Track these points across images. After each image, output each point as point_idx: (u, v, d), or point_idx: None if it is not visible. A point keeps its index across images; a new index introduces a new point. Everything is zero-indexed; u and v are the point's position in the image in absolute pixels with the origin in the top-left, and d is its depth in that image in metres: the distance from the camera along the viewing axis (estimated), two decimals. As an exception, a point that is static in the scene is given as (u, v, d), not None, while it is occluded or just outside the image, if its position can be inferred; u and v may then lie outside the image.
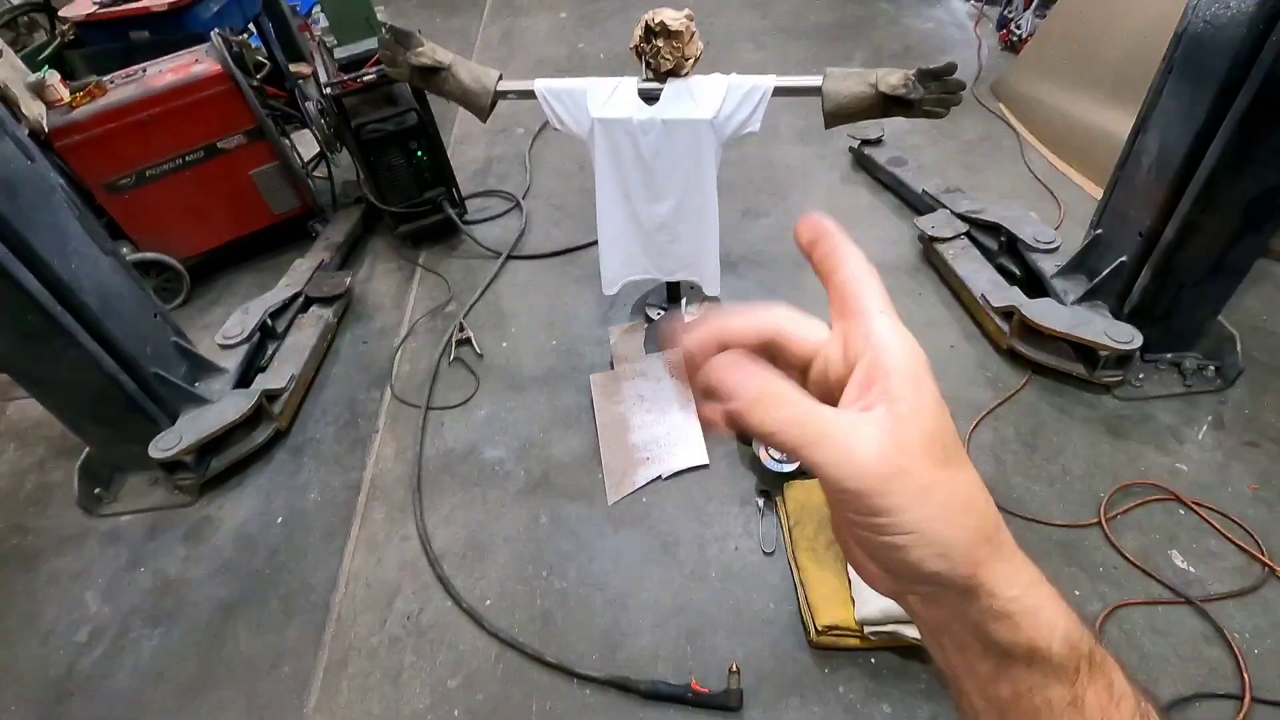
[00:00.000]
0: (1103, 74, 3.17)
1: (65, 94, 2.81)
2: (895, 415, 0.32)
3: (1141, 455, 2.21)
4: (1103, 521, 2.05)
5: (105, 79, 2.94)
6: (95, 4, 3.46)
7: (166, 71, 2.96)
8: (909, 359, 0.33)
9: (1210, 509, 2.05)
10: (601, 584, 2.11)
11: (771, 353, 0.38)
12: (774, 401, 0.34)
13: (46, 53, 3.44)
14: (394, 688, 1.95)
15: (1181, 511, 2.07)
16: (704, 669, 1.87)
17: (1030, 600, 0.33)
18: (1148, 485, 2.13)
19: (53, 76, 2.78)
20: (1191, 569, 1.94)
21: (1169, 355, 2.40)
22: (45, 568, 2.36)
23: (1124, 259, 2.28)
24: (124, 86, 2.91)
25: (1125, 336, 2.23)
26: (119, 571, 2.32)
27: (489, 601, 2.10)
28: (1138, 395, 2.36)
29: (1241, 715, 1.65)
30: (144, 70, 3.00)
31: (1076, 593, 1.91)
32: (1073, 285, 2.47)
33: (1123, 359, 2.30)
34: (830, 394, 0.36)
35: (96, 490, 2.51)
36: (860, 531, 0.33)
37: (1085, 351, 2.36)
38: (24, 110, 2.66)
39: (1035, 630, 0.33)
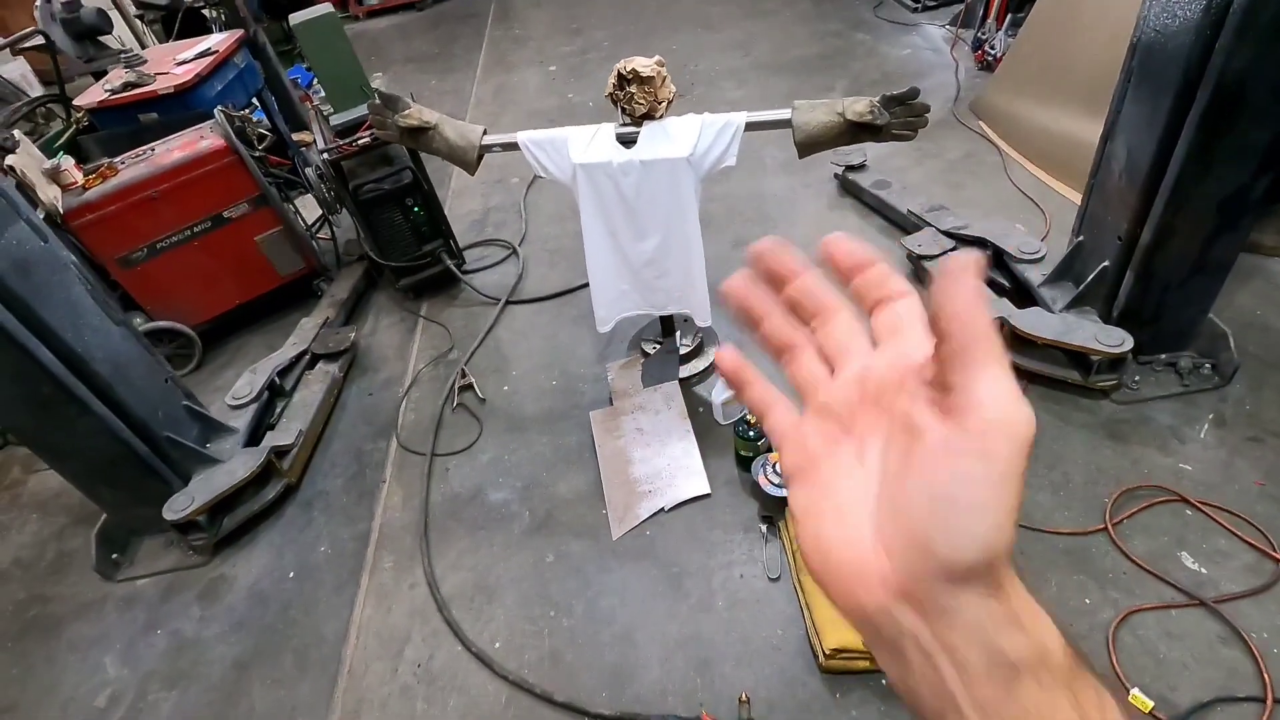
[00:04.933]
0: (1074, 86, 3.24)
1: (79, 177, 2.96)
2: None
3: (1144, 458, 2.20)
4: (1109, 527, 2.03)
5: (116, 160, 3.10)
6: (107, 91, 3.65)
7: (174, 149, 3.11)
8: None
9: (1217, 508, 2.02)
10: (609, 620, 2.11)
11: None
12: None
13: (62, 140, 3.63)
14: (406, 736, 1.95)
15: (1188, 512, 2.04)
16: (714, 700, 1.86)
17: (1030, 606, 0.32)
18: (1152, 488, 2.11)
19: (67, 161, 2.94)
20: (1203, 570, 1.91)
21: (1163, 356, 2.39)
22: (65, 635, 2.40)
23: (1106, 264, 2.30)
24: (134, 166, 3.06)
25: (1115, 340, 2.24)
26: (136, 634, 2.35)
27: (498, 644, 2.10)
28: (1135, 398, 2.35)
29: (1265, 717, 1.61)
30: (153, 149, 3.16)
31: (1087, 600, 1.89)
32: (1060, 293, 2.49)
33: (1116, 363, 2.30)
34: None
35: (114, 555, 2.56)
36: (934, 489, 0.31)
37: (1078, 358, 2.36)
38: (40, 195, 2.80)
39: (1042, 633, 0.31)
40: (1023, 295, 2.66)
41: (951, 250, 2.89)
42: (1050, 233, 3.06)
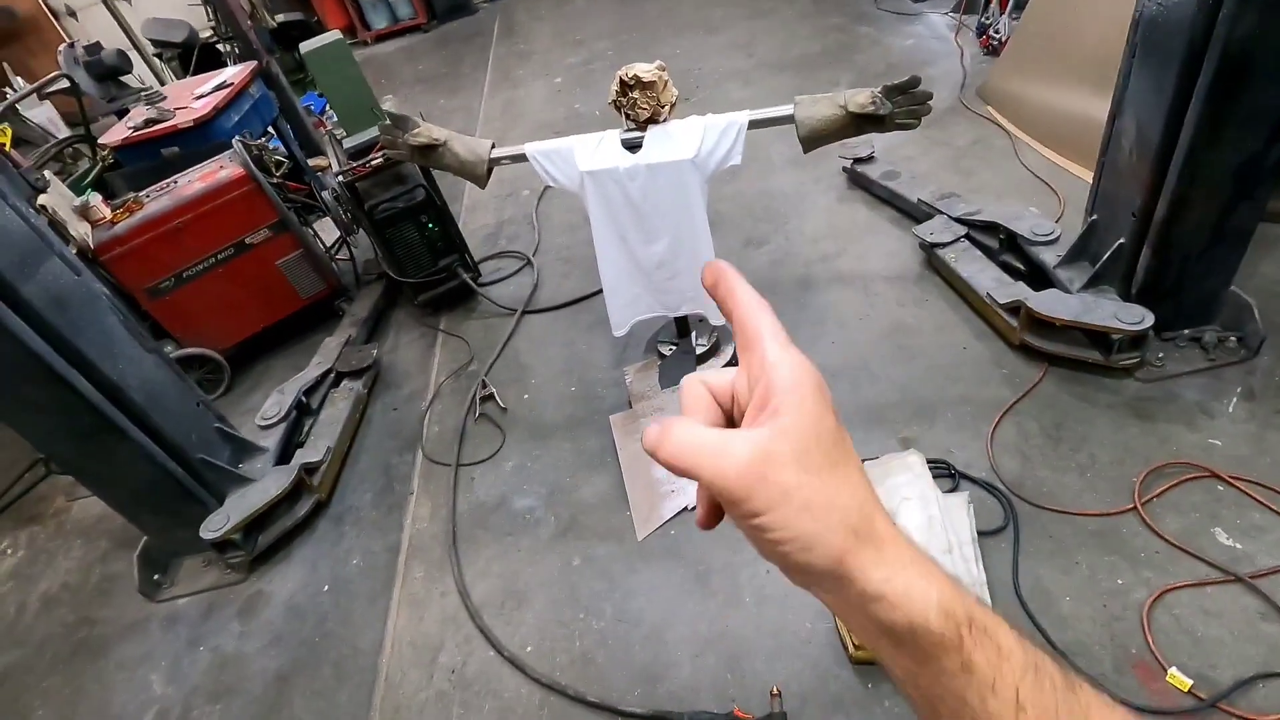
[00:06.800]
0: (1080, 64, 3.21)
1: (107, 212, 3.07)
2: (774, 428, 0.36)
3: (1171, 435, 2.17)
4: (1139, 506, 2.00)
5: (142, 194, 3.20)
6: (130, 129, 3.78)
7: (195, 180, 3.21)
8: (794, 377, 0.38)
9: (1250, 482, 1.99)
10: (638, 620, 2.12)
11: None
12: (667, 437, 0.39)
13: (90, 178, 3.76)
14: (444, 742, 1.98)
15: (1220, 488, 2.01)
16: (746, 695, 1.86)
17: (900, 580, 0.35)
18: (1181, 465, 2.08)
19: (95, 198, 3.05)
20: (1238, 545, 1.88)
21: (1187, 331, 2.36)
22: (113, 655, 2.48)
23: (1122, 241, 2.27)
24: (158, 199, 3.16)
25: (1135, 318, 2.21)
26: (180, 652, 2.42)
27: (529, 648, 2.13)
28: (1160, 375, 2.32)
29: (1308, 692, 1.58)
30: (175, 182, 3.26)
31: (1119, 581, 1.87)
32: (1077, 273, 2.47)
33: (1137, 340, 2.27)
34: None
35: (155, 576, 2.64)
36: (745, 531, 0.37)
37: (1098, 337, 2.34)
38: (71, 231, 2.91)
39: (909, 607, 0.35)
40: (1038, 278, 2.64)
41: (964, 236, 2.87)
42: (1064, 213, 3.03)
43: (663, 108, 2.22)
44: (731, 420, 0.44)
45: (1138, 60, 2.03)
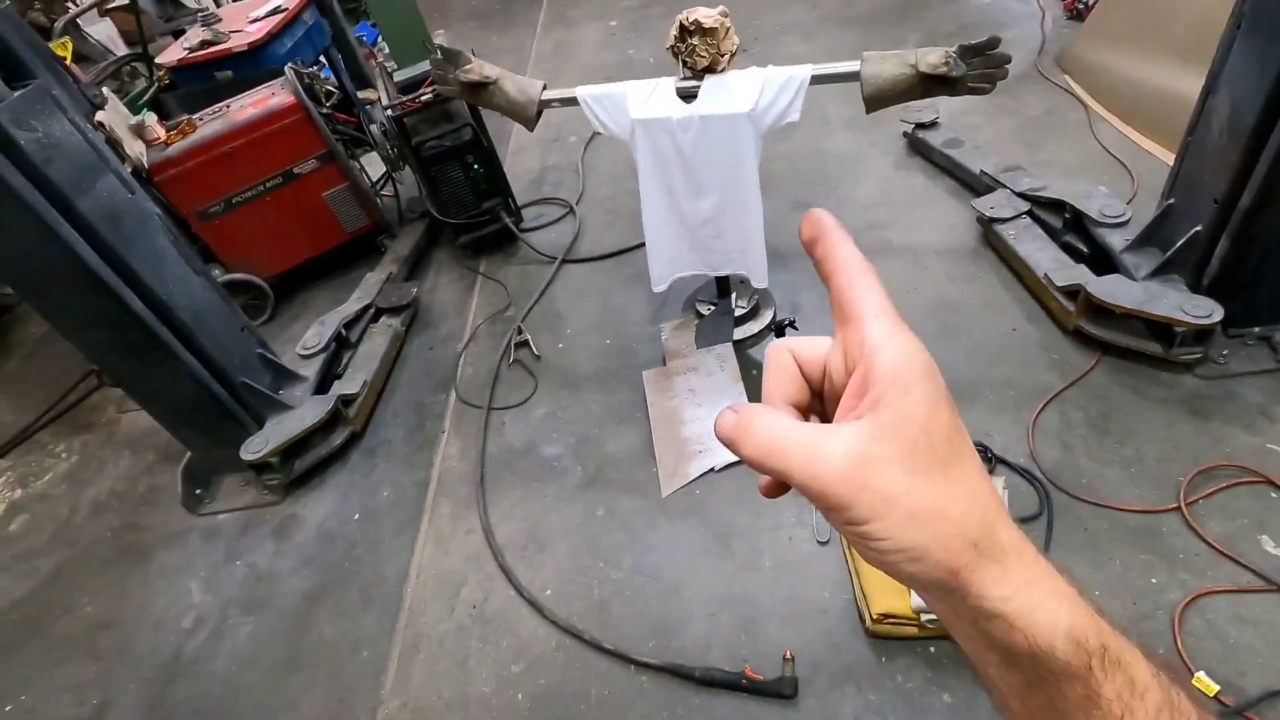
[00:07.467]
0: (1174, 35, 2.99)
1: (161, 133, 3.10)
2: (875, 425, 0.33)
3: (1227, 436, 2.07)
4: (1183, 506, 1.93)
5: (195, 116, 3.22)
6: (186, 50, 3.79)
7: (247, 106, 3.21)
8: (901, 364, 0.33)
9: (1307, 492, 1.90)
10: (656, 574, 2.15)
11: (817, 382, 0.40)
12: (750, 432, 0.35)
13: (146, 97, 3.80)
14: (462, 672, 2.05)
15: (1273, 494, 1.93)
16: (757, 657, 1.88)
17: (1023, 600, 0.32)
18: (1234, 468, 1.99)
19: (150, 118, 3.08)
20: (1285, 555, 1.81)
21: (1256, 329, 2.24)
22: (156, 561, 2.61)
23: (1199, 228, 2.14)
24: (211, 122, 3.18)
25: (1203, 311, 2.10)
26: (218, 565, 2.53)
27: (549, 591, 2.18)
28: (1221, 373, 2.21)
29: (1343, 710, 1.53)
30: (228, 106, 3.27)
31: (1153, 580, 1.82)
32: (1145, 259, 2.34)
33: (1202, 335, 2.16)
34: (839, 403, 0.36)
35: (197, 491, 2.75)
36: (844, 534, 0.35)
37: (1160, 329, 2.23)
38: (127, 149, 2.95)
39: (1031, 630, 0.32)
40: (1101, 262, 2.51)
41: (1026, 212, 2.74)
42: (1137, 195, 2.87)
43: (722, 56, 2.13)
44: (820, 397, 0.40)
45: (1242, 33, 1.87)
